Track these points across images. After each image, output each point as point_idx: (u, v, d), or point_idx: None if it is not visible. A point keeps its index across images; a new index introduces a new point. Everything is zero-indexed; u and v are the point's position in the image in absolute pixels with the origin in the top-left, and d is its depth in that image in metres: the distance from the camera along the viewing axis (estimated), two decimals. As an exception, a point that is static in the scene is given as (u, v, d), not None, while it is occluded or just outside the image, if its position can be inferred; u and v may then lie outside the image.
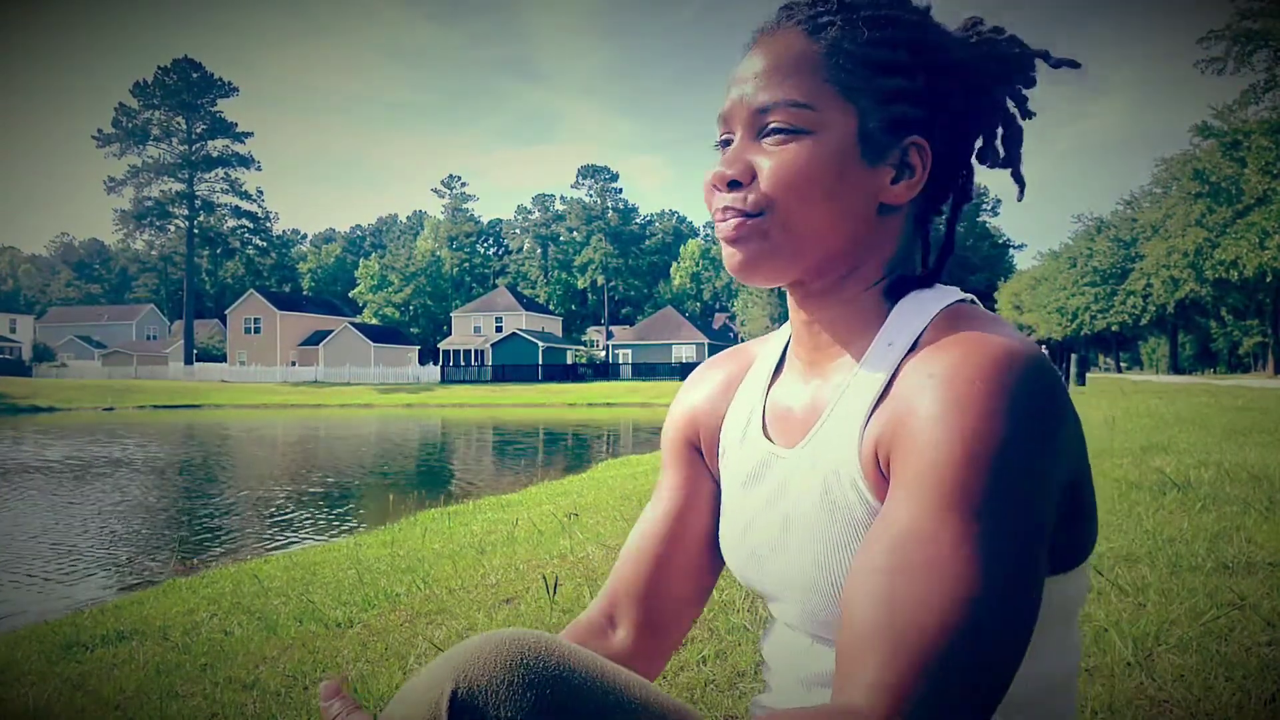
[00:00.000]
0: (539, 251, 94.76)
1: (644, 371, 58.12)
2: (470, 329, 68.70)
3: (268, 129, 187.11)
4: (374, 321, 76.80)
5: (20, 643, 3.64)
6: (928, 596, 0.59)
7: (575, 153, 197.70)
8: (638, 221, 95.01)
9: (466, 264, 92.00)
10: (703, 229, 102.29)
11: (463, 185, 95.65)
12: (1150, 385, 25.36)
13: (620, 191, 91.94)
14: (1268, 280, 37.91)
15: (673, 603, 0.93)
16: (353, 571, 4.17)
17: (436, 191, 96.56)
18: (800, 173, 0.74)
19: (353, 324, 66.91)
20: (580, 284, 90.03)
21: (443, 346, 67.25)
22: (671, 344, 63.56)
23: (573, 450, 18.50)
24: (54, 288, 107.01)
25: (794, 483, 0.79)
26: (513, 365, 60.02)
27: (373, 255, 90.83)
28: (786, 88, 0.75)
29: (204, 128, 68.67)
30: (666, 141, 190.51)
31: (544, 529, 4.79)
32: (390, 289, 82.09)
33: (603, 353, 70.61)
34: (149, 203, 67.80)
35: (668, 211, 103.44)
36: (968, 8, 0.85)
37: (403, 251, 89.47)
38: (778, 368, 0.89)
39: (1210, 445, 6.33)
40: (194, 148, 68.31)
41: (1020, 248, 75.81)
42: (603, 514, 5.10)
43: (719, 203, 0.78)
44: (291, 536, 7.96)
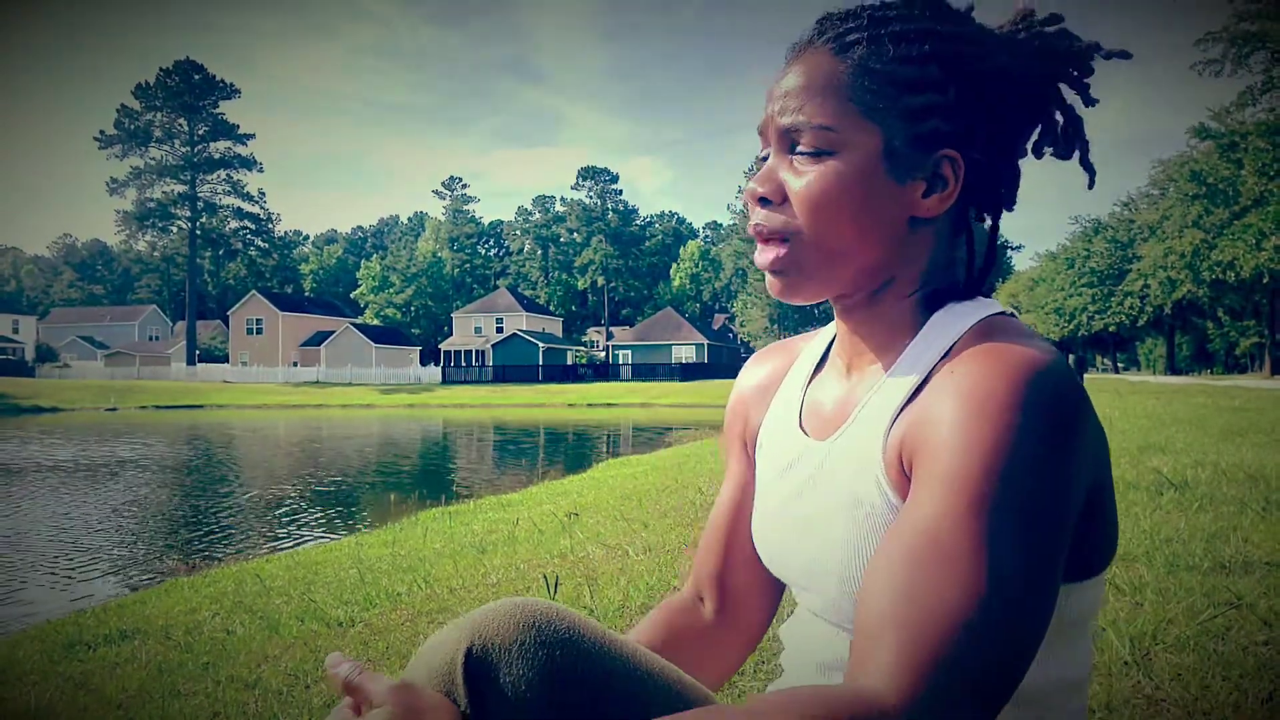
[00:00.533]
0: (539, 252, 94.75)
1: (644, 372, 58.00)
2: (471, 330, 68.70)
3: (270, 131, 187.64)
4: (375, 322, 76.81)
5: (23, 642, 3.65)
6: (943, 591, 0.61)
7: (575, 154, 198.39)
8: (638, 223, 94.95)
9: (467, 265, 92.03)
10: (702, 230, 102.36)
11: (464, 186, 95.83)
12: (1147, 386, 25.30)
13: (620, 193, 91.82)
14: (1264, 281, 37.73)
15: (743, 584, 0.98)
16: (354, 571, 4.18)
17: (437, 193, 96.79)
18: (825, 194, 0.75)
19: (354, 325, 66.95)
20: (580, 285, 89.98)
21: (444, 347, 67.26)
22: (671, 345, 63.55)
23: (573, 450, 18.51)
24: (57, 289, 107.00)
25: (823, 475, 0.81)
26: (513, 366, 60.02)
27: (374, 256, 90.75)
28: (810, 110, 0.76)
29: (206, 129, 68.72)
30: (666, 143, 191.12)
31: (544, 528, 4.80)
32: (391, 290, 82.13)
33: (603, 353, 70.65)
34: (151, 204, 67.88)
35: (668, 213, 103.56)
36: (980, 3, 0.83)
37: (404, 252, 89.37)
38: (820, 364, 0.92)
39: (1207, 445, 6.33)
40: (196, 149, 68.39)
41: (1018, 249, 75.62)
42: (603, 514, 5.11)
43: (754, 218, 0.80)
44: (294, 535, 7.97)
